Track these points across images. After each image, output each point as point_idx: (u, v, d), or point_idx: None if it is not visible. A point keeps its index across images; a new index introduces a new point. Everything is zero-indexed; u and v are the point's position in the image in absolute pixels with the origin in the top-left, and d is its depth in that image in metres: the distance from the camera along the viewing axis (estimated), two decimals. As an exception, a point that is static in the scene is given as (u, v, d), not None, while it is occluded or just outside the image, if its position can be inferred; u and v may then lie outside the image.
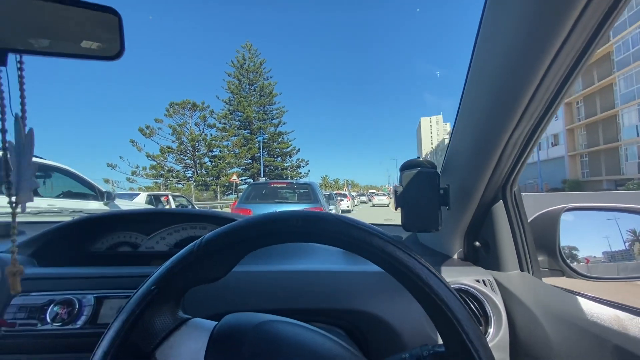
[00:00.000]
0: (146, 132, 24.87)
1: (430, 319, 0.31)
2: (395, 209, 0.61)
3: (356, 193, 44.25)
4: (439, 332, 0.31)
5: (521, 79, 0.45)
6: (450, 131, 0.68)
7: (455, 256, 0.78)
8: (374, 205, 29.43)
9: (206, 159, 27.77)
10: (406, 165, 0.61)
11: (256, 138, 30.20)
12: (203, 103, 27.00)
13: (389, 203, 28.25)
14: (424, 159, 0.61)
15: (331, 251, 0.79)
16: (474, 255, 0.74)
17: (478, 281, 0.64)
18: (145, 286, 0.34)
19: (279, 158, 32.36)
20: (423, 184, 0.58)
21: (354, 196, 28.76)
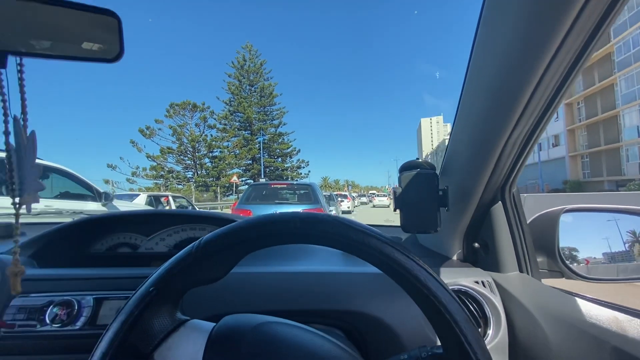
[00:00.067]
0: (146, 133, 24.88)
1: (429, 320, 0.31)
2: (395, 210, 0.61)
3: (356, 194, 44.29)
4: (437, 334, 0.31)
5: (519, 79, 0.44)
6: (450, 132, 0.68)
7: (455, 257, 0.78)
8: (374, 206, 29.41)
9: (206, 160, 27.78)
10: (405, 167, 0.61)
11: (256, 139, 30.20)
12: (203, 104, 27.04)
13: (390, 204, 28.20)
14: (423, 160, 0.61)
15: (330, 252, 0.79)
16: (473, 256, 0.74)
17: (477, 282, 0.64)
18: (143, 287, 0.34)
19: (280, 159, 32.34)
20: (422, 185, 0.58)
21: (354, 197, 28.78)
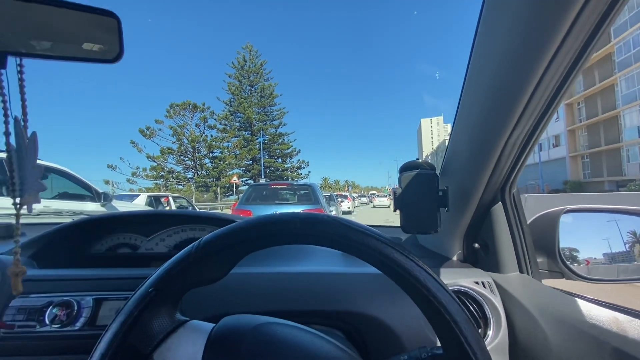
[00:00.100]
0: (146, 133, 24.88)
1: (429, 321, 0.31)
2: (395, 211, 0.61)
3: (357, 194, 44.30)
4: (437, 335, 0.31)
5: (519, 79, 0.44)
6: (450, 132, 0.68)
7: (455, 258, 0.78)
8: (374, 207, 29.40)
9: (207, 160, 27.78)
10: (405, 167, 0.61)
11: (257, 139, 30.19)
12: (204, 104, 27.06)
13: (390, 204, 28.20)
14: (423, 160, 0.61)
15: (330, 253, 0.79)
16: (473, 257, 0.74)
17: (477, 283, 0.64)
18: (143, 288, 0.34)
19: (280, 159, 32.33)
20: (422, 186, 0.58)
21: (354, 197, 28.80)
